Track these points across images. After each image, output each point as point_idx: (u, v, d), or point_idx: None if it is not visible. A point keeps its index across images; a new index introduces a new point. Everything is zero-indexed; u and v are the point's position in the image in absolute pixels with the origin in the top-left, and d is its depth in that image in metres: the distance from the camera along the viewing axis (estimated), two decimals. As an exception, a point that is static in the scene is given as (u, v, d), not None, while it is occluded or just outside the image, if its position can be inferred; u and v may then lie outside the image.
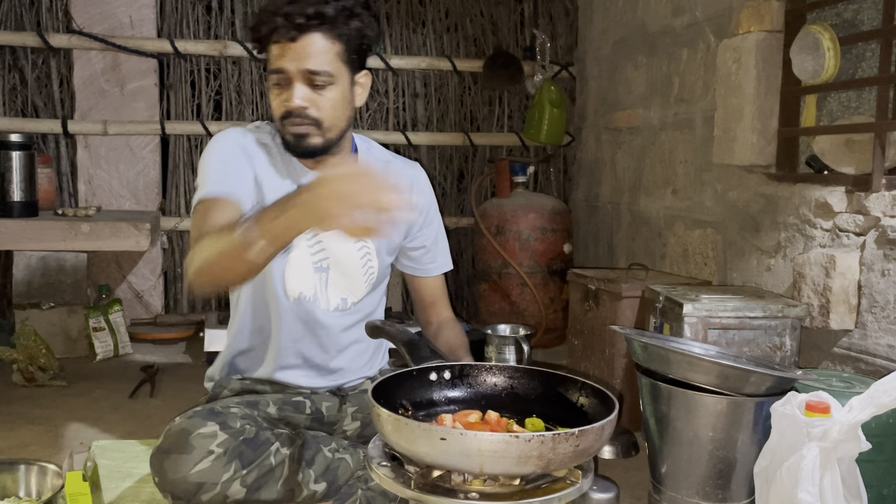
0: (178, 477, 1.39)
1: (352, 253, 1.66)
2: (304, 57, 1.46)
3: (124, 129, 3.48)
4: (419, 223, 1.74)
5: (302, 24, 1.45)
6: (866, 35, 2.02)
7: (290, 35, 1.45)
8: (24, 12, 3.44)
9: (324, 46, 1.47)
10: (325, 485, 1.52)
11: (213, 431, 1.42)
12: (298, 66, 1.47)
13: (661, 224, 2.95)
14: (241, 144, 1.58)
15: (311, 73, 1.47)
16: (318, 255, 1.64)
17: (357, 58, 1.55)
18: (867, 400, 1.34)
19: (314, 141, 1.53)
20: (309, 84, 1.48)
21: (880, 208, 1.84)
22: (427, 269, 1.80)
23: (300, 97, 1.48)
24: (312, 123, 1.51)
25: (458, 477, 1.11)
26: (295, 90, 1.48)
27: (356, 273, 1.68)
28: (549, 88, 3.62)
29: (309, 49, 1.46)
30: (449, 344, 1.71)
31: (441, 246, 1.81)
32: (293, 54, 1.46)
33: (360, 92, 1.60)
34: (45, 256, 3.04)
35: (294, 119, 1.50)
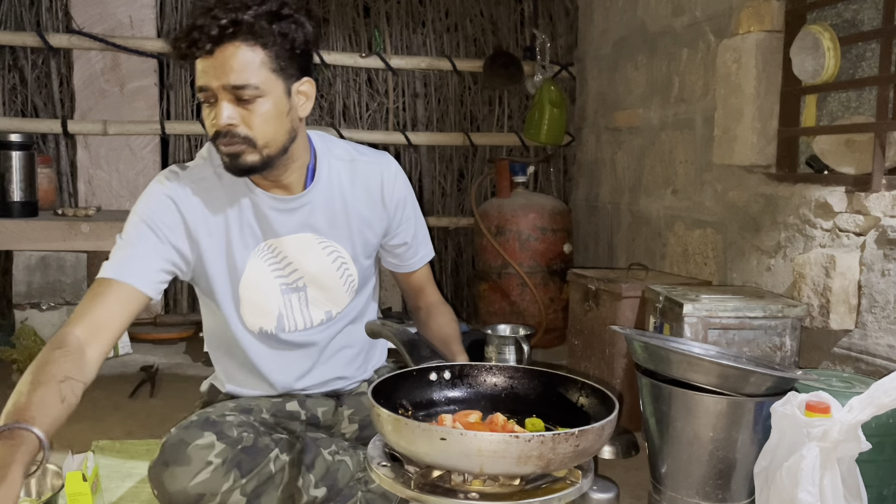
0: (177, 489, 1.37)
1: (326, 265, 1.58)
2: (225, 71, 1.33)
3: (124, 129, 3.48)
4: (397, 219, 1.65)
5: (216, 35, 1.32)
6: (866, 35, 2.02)
7: (206, 48, 1.33)
8: (24, 12, 3.44)
9: (246, 57, 1.34)
10: (325, 490, 1.51)
11: (211, 442, 1.41)
12: (220, 81, 1.34)
13: (661, 224, 2.95)
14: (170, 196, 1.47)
15: (235, 87, 1.34)
16: (290, 276, 1.56)
17: (291, 65, 1.40)
18: (867, 400, 1.34)
19: (250, 159, 1.40)
20: (235, 100, 1.36)
21: (880, 208, 1.84)
22: (410, 264, 1.73)
23: (227, 114, 1.36)
24: (244, 142, 1.38)
25: (458, 477, 1.11)
26: (221, 108, 1.36)
27: (335, 284, 1.60)
28: (549, 88, 3.62)
29: (229, 62, 1.33)
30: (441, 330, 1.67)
31: (421, 237, 1.72)
32: (213, 69, 1.34)
33: (303, 102, 1.46)
34: (45, 256, 3.03)
35: (223, 139, 1.38)
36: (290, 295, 1.58)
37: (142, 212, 1.47)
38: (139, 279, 1.42)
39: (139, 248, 1.44)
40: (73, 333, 1.33)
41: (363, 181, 1.59)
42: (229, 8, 1.33)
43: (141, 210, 1.47)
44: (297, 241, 1.55)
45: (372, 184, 1.60)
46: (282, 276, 1.56)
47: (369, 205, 1.60)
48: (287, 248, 1.55)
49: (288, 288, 1.57)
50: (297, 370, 1.63)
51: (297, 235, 1.55)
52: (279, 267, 1.56)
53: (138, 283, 1.41)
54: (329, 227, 1.57)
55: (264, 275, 1.55)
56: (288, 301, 1.58)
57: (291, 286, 1.57)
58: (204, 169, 1.52)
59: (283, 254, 1.55)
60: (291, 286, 1.57)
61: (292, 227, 1.54)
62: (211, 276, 1.52)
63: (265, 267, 1.54)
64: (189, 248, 1.49)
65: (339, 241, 1.59)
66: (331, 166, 1.57)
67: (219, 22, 1.32)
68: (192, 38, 1.33)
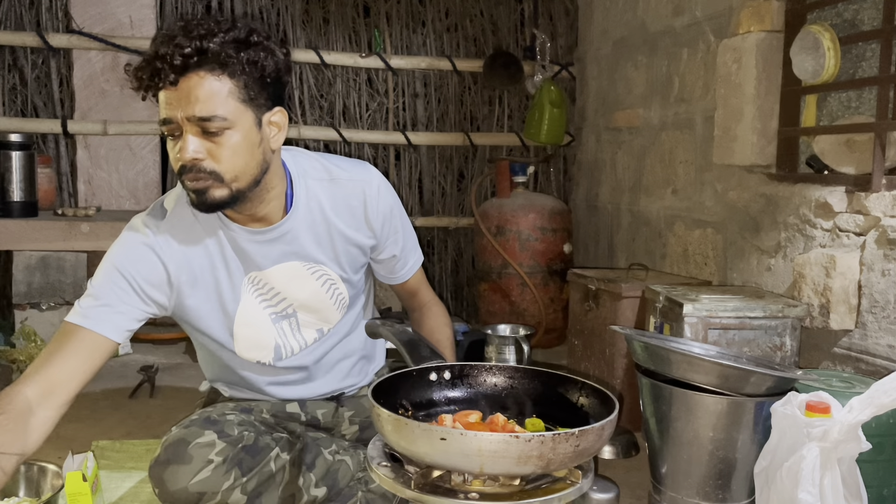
0: (178, 488, 1.37)
1: (315, 290, 1.54)
2: (189, 102, 1.27)
3: (124, 129, 3.48)
4: (384, 235, 1.58)
5: (179, 65, 1.25)
6: (866, 35, 2.02)
7: (169, 79, 1.26)
8: (24, 12, 3.44)
9: (212, 87, 1.27)
10: (325, 489, 1.51)
11: (212, 440, 1.41)
12: (185, 112, 1.28)
13: (661, 224, 2.95)
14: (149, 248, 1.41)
15: (201, 119, 1.28)
16: (279, 304, 1.53)
17: (261, 94, 1.34)
18: (867, 400, 1.34)
19: (218, 195, 1.33)
20: (201, 132, 1.29)
21: (880, 208, 1.84)
22: (401, 275, 1.68)
23: (192, 148, 1.29)
24: (210, 177, 1.31)
25: (458, 477, 1.11)
26: (186, 142, 1.29)
27: (325, 306, 1.56)
28: (549, 88, 3.62)
29: (194, 92, 1.27)
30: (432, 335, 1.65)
31: (409, 246, 1.66)
32: (176, 100, 1.28)
33: (276, 133, 1.39)
34: (45, 256, 3.04)
35: (189, 174, 1.31)
36: (280, 322, 1.55)
37: (117, 261, 1.40)
38: (108, 327, 1.37)
39: (111, 297, 1.38)
40: (24, 394, 1.28)
41: (344, 200, 1.52)
42: (193, 36, 1.26)
43: (116, 258, 1.40)
44: (282, 271, 1.51)
45: (354, 203, 1.53)
46: (270, 305, 1.52)
47: (353, 224, 1.54)
48: (273, 280, 1.51)
49: (278, 316, 1.54)
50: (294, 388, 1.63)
51: (282, 265, 1.50)
52: (266, 297, 1.52)
53: (107, 332, 1.36)
54: (315, 250, 1.52)
55: (254, 307, 1.51)
56: (280, 329, 1.55)
57: (281, 314, 1.54)
58: (180, 209, 1.44)
59: (269, 285, 1.51)
60: (281, 314, 1.54)
61: (275, 258, 1.49)
62: (200, 320, 1.49)
63: (252, 300, 1.51)
64: (167, 298, 1.44)
65: (326, 264, 1.54)
66: (308, 188, 1.50)
67: (182, 51, 1.25)
68: (153, 68, 1.26)
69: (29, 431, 1.27)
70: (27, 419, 1.27)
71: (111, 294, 1.38)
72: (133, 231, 1.44)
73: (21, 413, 1.26)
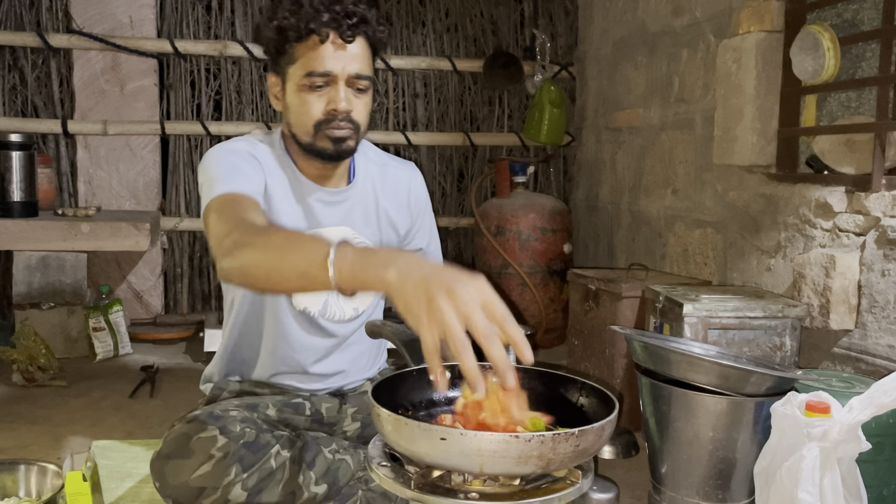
0: (179, 482, 1.38)
1: None
2: (353, 60, 1.45)
3: (124, 129, 3.49)
4: (417, 225, 1.73)
5: (355, 25, 1.43)
6: (866, 35, 2.02)
7: (345, 37, 1.43)
8: (24, 12, 3.44)
9: (365, 51, 1.48)
10: (325, 487, 1.52)
11: (213, 436, 1.42)
12: (347, 70, 1.45)
13: (661, 224, 2.95)
14: (251, 153, 1.52)
15: (358, 77, 1.46)
16: None
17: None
18: (867, 400, 1.34)
19: (352, 144, 1.51)
20: (352, 88, 1.47)
21: (880, 208, 1.84)
22: None
23: (347, 100, 1.47)
24: (353, 127, 1.49)
25: (458, 477, 1.11)
26: (341, 93, 1.46)
27: None
28: (549, 88, 3.62)
29: (357, 52, 1.46)
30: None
31: (434, 246, 1.79)
32: (343, 57, 1.44)
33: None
34: (45, 256, 3.04)
35: (339, 122, 1.47)
36: None
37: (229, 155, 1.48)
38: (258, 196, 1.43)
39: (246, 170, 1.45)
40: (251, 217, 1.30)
41: (393, 184, 1.68)
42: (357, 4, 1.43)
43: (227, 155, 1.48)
44: (337, 234, 1.59)
45: (401, 188, 1.68)
46: None
47: (396, 206, 1.68)
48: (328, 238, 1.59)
49: None
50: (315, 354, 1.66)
51: (338, 228, 1.61)
52: None
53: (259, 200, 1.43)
54: (363, 224, 1.64)
55: None
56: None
57: None
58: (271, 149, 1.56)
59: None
60: None
61: (335, 220, 1.61)
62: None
63: None
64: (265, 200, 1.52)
65: (370, 239, 1.64)
66: (367, 168, 1.66)
67: (356, 15, 1.42)
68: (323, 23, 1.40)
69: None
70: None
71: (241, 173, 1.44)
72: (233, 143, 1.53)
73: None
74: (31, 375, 2.69)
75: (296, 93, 1.48)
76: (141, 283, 3.60)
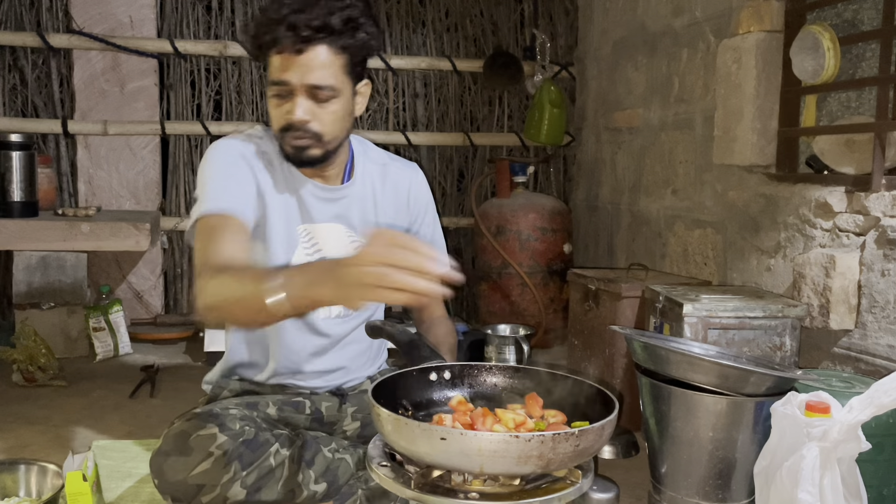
0: (178, 479, 1.38)
1: None
2: (309, 70, 1.42)
3: (124, 129, 3.48)
4: (418, 222, 1.74)
5: (308, 37, 1.40)
6: (866, 35, 2.02)
7: (295, 47, 1.40)
8: (24, 12, 3.44)
9: (328, 60, 1.43)
10: (325, 485, 1.52)
11: (213, 433, 1.42)
12: (302, 79, 1.42)
13: (661, 224, 2.95)
14: (242, 154, 1.54)
15: (315, 87, 1.43)
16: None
17: (360, 68, 1.52)
18: (867, 400, 1.34)
19: (314, 153, 1.50)
20: (312, 97, 1.45)
21: (880, 208, 1.84)
22: None
23: (303, 111, 1.45)
24: (312, 137, 1.48)
25: (458, 477, 1.11)
26: (297, 104, 1.44)
27: None
28: (549, 88, 3.62)
29: (314, 62, 1.42)
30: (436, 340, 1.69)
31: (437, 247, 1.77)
32: (297, 67, 1.42)
33: (361, 101, 1.57)
34: (45, 256, 3.04)
35: (295, 132, 1.47)
36: None
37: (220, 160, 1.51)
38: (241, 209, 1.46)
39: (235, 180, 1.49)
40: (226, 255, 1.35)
41: (393, 184, 1.69)
42: (321, 11, 1.39)
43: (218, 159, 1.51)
44: (329, 230, 1.62)
45: (401, 187, 1.70)
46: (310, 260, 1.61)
47: (395, 207, 1.69)
48: (319, 235, 1.61)
49: None
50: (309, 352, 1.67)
51: (331, 225, 1.62)
52: (309, 252, 1.61)
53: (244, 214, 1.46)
54: (359, 223, 1.65)
55: (300, 256, 1.60)
56: None
57: None
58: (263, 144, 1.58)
59: (314, 239, 1.61)
60: None
61: (328, 217, 1.62)
62: (270, 237, 1.57)
63: (300, 250, 1.60)
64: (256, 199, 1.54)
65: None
66: (365, 167, 1.67)
67: (312, 24, 1.38)
68: (280, 34, 1.39)
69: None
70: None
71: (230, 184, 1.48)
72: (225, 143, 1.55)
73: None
74: (31, 375, 2.69)
75: (269, 99, 1.50)
76: (141, 283, 3.59)
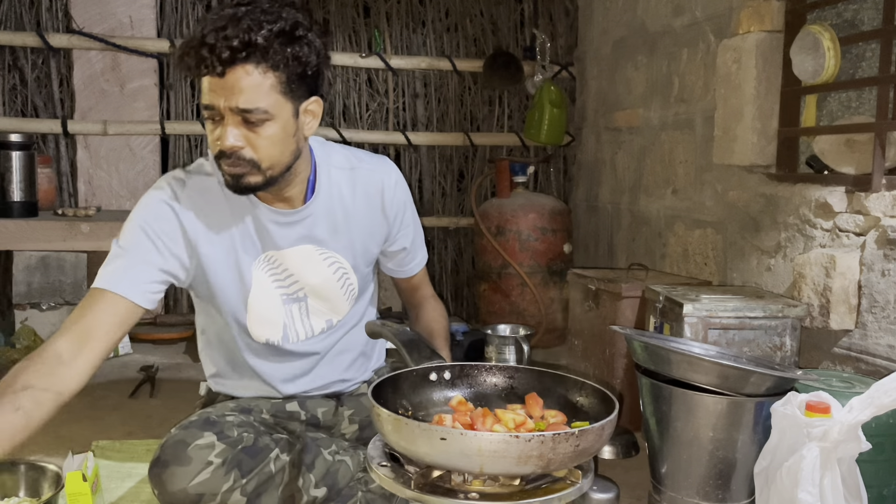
0: (177, 489, 1.37)
1: (327, 276, 1.57)
2: (234, 93, 1.29)
3: (124, 129, 3.49)
4: (397, 226, 1.64)
5: (227, 58, 1.27)
6: (866, 35, 2.02)
7: (216, 70, 1.28)
8: (24, 12, 3.44)
9: (256, 80, 1.29)
10: (325, 490, 1.51)
11: (211, 442, 1.41)
12: (228, 103, 1.30)
13: (661, 224, 2.95)
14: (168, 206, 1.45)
15: (243, 110, 1.30)
16: (291, 287, 1.56)
17: (301, 86, 1.37)
18: (867, 400, 1.34)
19: (253, 180, 1.38)
20: (242, 121, 1.32)
21: (880, 208, 1.84)
22: (408, 269, 1.74)
23: (233, 137, 1.32)
24: (248, 164, 1.36)
25: (458, 477, 1.11)
26: (227, 130, 1.32)
27: (335, 294, 1.60)
28: (549, 88, 3.62)
29: (238, 84, 1.29)
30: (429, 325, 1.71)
31: (418, 242, 1.72)
32: (221, 90, 1.30)
33: (310, 121, 1.42)
34: (45, 256, 3.04)
35: (227, 160, 1.35)
36: (290, 305, 1.57)
37: (139, 219, 1.44)
38: (132, 290, 1.39)
39: (135, 258, 1.42)
40: (54, 345, 1.32)
41: (364, 189, 1.58)
42: (242, 28, 1.27)
43: (138, 217, 1.45)
44: (297, 254, 1.54)
45: (372, 191, 1.59)
46: (282, 286, 1.55)
47: (370, 213, 1.59)
48: (287, 261, 1.54)
49: (289, 298, 1.57)
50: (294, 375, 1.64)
51: (298, 248, 1.54)
52: (279, 278, 1.55)
53: (131, 295, 1.39)
54: (330, 237, 1.56)
55: (267, 286, 1.54)
56: (289, 311, 1.57)
57: (292, 296, 1.57)
58: (206, 179, 1.49)
59: (283, 265, 1.54)
60: (292, 296, 1.57)
61: (293, 240, 1.53)
62: (216, 287, 1.51)
63: (266, 278, 1.54)
64: (188, 257, 1.47)
65: (339, 252, 1.58)
66: (331, 176, 1.55)
67: (230, 43, 1.26)
68: (201, 56, 1.27)
69: (62, 373, 1.30)
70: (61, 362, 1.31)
71: (135, 254, 1.42)
72: (155, 191, 1.48)
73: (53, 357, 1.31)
74: (31, 375, 2.69)
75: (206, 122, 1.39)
76: (141, 283, 3.59)
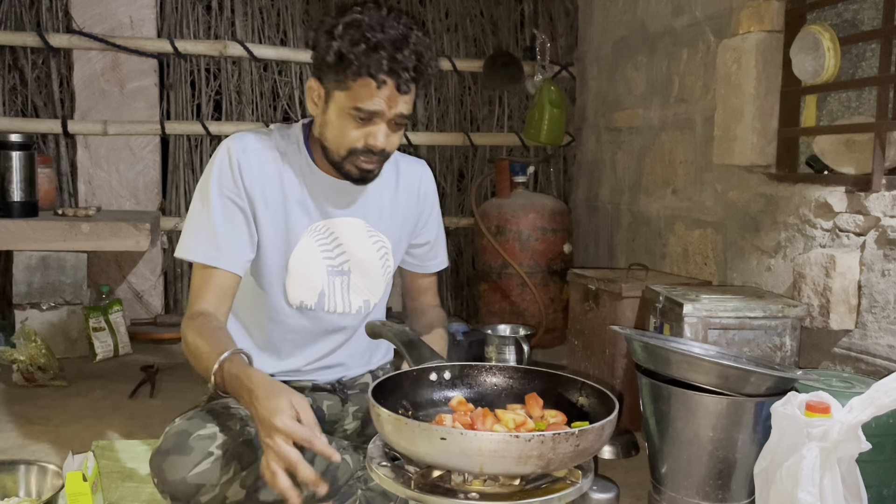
0: (177, 478, 1.38)
1: (371, 253, 1.67)
2: (401, 104, 1.48)
3: (124, 129, 3.49)
4: (425, 217, 1.77)
5: (413, 80, 1.47)
6: (866, 35, 2.02)
7: (401, 90, 1.46)
8: (24, 12, 3.44)
9: (413, 96, 1.52)
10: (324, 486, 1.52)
11: (213, 433, 1.42)
12: (395, 110, 1.48)
13: (661, 224, 2.95)
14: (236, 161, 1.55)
15: (402, 116, 1.51)
16: (338, 258, 1.64)
17: None
18: (867, 400, 1.34)
19: (376, 173, 1.57)
20: (392, 125, 1.51)
21: (880, 208, 1.84)
22: (428, 266, 1.83)
23: (389, 139, 1.51)
24: (383, 160, 1.55)
25: (458, 477, 1.11)
26: (383, 132, 1.50)
27: (376, 273, 1.69)
28: (549, 88, 3.62)
29: (406, 98, 1.49)
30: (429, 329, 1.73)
31: (441, 242, 1.84)
32: (394, 101, 1.47)
33: None
34: (45, 256, 3.03)
35: (369, 156, 1.52)
36: (334, 277, 1.64)
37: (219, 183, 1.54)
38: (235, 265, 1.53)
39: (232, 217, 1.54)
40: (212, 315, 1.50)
41: (406, 180, 1.73)
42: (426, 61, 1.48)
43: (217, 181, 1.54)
44: (348, 225, 1.64)
45: (413, 182, 1.74)
46: (329, 257, 1.63)
47: (409, 201, 1.73)
48: (338, 230, 1.63)
49: (334, 270, 1.64)
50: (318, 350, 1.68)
51: (349, 219, 1.64)
52: (328, 248, 1.63)
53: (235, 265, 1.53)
54: (377, 217, 1.67)
55: (313, 253, 1.61)
56: (332, 283, 1.64)
57: (337, 269, 1.64)
58: (270, 142, 1.60)
59: (333, 234, 1.62)
60: (337, 269, 1.64)
61: (346, 211, 1.63)
62: (263, 244, 1.58)
63: (315, 246, 1.61)
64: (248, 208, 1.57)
65: (384, 232, 1.69)
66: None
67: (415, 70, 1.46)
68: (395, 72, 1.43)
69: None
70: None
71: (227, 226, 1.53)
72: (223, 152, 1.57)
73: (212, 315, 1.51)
74: (31, 375, 2.69)
75: (338, 115, 1.50)
76: (141, 283, 3.59)
